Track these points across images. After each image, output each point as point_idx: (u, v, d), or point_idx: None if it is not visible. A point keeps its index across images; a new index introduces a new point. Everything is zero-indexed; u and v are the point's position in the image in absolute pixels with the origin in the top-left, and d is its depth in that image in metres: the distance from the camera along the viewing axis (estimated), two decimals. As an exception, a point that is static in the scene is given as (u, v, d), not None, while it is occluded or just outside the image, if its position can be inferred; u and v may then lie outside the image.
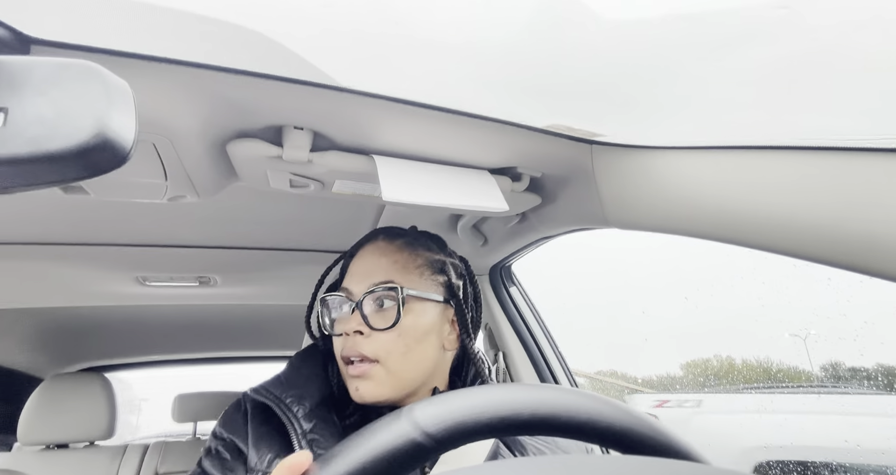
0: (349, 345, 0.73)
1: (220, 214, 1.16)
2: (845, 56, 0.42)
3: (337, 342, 0.76)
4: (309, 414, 0.72)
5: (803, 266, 0.59)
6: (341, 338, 0.75)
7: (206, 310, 2.03)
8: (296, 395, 0.74)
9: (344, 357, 0.74)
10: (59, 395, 1.73)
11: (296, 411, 0.72)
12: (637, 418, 0.37)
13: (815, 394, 1.83)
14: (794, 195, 0.54)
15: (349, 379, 0.74)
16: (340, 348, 0.75)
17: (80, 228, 1.17)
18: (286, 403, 0.73)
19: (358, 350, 0.72)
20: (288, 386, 0.77)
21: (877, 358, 1.46)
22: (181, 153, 0.70)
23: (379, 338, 0.72)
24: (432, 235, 0.90)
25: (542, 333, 1.41)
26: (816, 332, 1.44)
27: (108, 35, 0.51)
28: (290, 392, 0.75)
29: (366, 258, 0.80)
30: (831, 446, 1.50)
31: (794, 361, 1.70)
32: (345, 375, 0.75)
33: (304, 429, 0.70)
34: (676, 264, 2.18)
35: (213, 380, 2.73)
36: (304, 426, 0.71)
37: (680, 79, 0.53)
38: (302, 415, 0.72)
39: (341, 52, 0.56)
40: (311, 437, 0.70)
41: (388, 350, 0.72)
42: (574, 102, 0.64)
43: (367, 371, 0.71)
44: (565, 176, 0.86)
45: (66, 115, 0.33)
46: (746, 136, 0.61)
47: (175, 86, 0.59)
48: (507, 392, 0.36)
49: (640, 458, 0.33)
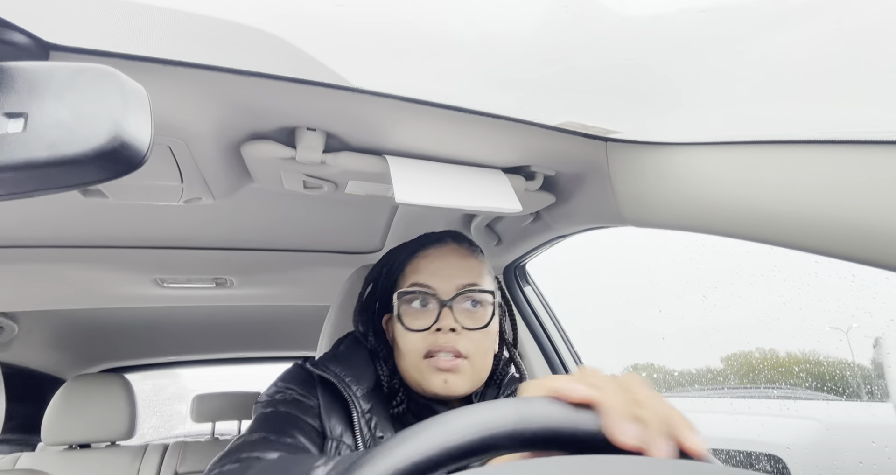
0: (443, 341, 0.76)
1: (235, 216, 1.17)
2: (873, 45, 0.41)
3: (416, 336, 0.78)
4: (367, 394, 0.76)
5: (826, 262, 0.57)
6: (424, 333, 0.77)
7: (222, 311, 2.05)
8: (354, 376, 0.77)
9: (432, 351, 0.76)
10: (81, 396, 1.76)
11: (355, 390, 0.75)
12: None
13: (728, 397, 2.26)
14: (816, 190, 0.53)
15: (434, 372, 0.76)
16: (423, 343, 0.77)
17: (100, 231, 1.19)
18: (346, 382, 0.76)
19: (453, 346, 0.76)
20: (346, 365, 0.79)
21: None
22: (196, 155, 0.71)
23: (470, 337, 0.77)
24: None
25: (557, 333, 1.40)
26: (857, 326, 1.42)
27: (124, 40, 0.52)
28: (349, 372, 0.78)
29: (445, 259, 0.83)
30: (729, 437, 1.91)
31: (838, 354, 1.73)
32: (420, 369, 0.77)
33: (364, 409, 0.74)
34: (696, 261, 2.19)
35: (266, 374, 2.77)
36: (363, 406, 0.74)
37: (697, 74, 0.52)
38: (361, 396, 0.75)
39: (354, 53, 0.56)
40: (369, 417, 0.73)
41: (476, 348, 0.78)
42: (589, 99, 0.64)
43: (458, 365, 0.76)
44: (580, 174, 0.85)
45: (84, 119, 0.33)
46: (766, 131, 0.60)
47: (189, 89, 0.60)
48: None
49: (645, 458, 0.33)
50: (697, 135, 0.66)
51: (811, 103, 0.52)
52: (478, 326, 0.79)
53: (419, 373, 0.77)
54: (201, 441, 1.91)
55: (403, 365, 0.79)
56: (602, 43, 0.48)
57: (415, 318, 0.79)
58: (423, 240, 0.88)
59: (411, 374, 0.78)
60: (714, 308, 1.69)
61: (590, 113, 0.69)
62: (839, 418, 1.80)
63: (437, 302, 0.78)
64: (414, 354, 0.77)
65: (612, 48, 0.49)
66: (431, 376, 0.76)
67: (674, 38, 0.45)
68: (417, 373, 0.77)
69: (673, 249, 1.53)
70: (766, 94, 0.52)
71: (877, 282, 0.99)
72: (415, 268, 0.83)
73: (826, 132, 0.53)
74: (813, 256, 0.57)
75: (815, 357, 1.80)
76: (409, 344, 0.78)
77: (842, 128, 0.52)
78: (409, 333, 0.78)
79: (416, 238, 0.89)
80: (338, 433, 0.72)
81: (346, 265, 1.44)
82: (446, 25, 0.48)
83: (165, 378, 3.06)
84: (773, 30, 0.42)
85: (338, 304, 1.01)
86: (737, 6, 0.41)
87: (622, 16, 0.44)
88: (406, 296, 0.80)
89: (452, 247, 0.85)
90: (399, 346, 0.80)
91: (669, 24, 0.44)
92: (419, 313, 0.79)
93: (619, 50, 0.49)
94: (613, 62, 0.51)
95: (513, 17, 0.45)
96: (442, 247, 0.85)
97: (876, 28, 0.39)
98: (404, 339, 0.79)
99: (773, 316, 1.60)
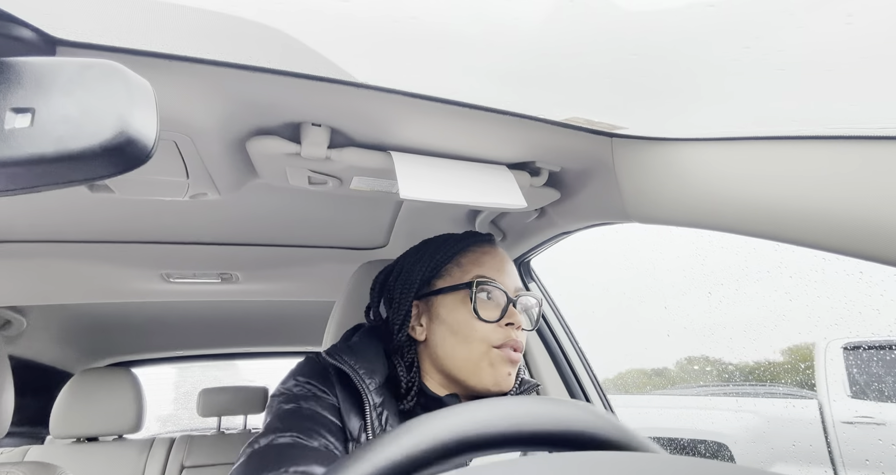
0: (514, 336, 0.79)
1: (241, 212, 1.17)
2: (884, 39, 0.40)
3: (488, 327, 0.79)
4: (378, 388, 0.76)
5: (833, 259, 0.57)
6: (495, 325, 0.79)
7: (228, 306, 2.06)
8: (368, 369, 0.77)
9: (507, 343, 0.78)
10: (88, 390, 1.78)
11: (368, 383, 0.75)
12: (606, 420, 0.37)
13: (693, 395, 2.80)
14: (823, 186, 0.53)
15: (504, 363, 0.78)
16: (495, 334, 0.79)
17: (107, 226, 1.20)
18: (360, 374, 0.76)
19: (521, 342, 0.80)
20: (360, 357, 0.78)
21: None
22: (202, 151, 0.71)
23: (522, 336, 0.82)
24: None
25: (561, 329, 1.40)
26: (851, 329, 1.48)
27: (130, 35, 0.52)
28: (363, 364, 0.77)
29: (504, 259, 0.86)
30: (682, 428, 2.57)
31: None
32: (489, 358, 0.78)
33: (376, 402, 0.74)
34: (701, 257, 2.18)
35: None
36: (375, 399, 0.75)
37: (703, 69, 0.52)
38: (374, 389, 0.75)
39: (359, 48, 0.55)
40: (380, 411, 0.74)
41: (524, 347, 0.82)
42: (594, 95, 0.63)
43: (519, 360, 0.81)
44: (585, 170, 0.84)
45: (91, 114, 0.33)
46: (773, 127, 0.59)
47: (195, 84, 0.60)
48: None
49: (662, 456, 0.33)
50: (703, 130, 0.66)
51: (819, 99, 0.52)
52: (530, 328, 0.86)
53: (488, 362, 0.77)
54: (207, 435, 1.93)
55: (461, 355, 0.78)
56: (608, 38, 0.48)
57: (488, 309, 0.80)
58: (470, 237, 0.89)
59: (469, 365, 0.77)
60: (719, 305, 1.70)
61: (595, 108, 0.69)
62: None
63: (507, 298, 0.81)
64: (484, 343, 0.78)
65: (617, 43, 0.48)
66: (500, 366, 0.78)
67: (681, 32, 0.45)
68: (486, 361, 0.77)
69: (679, 245, 1.53)
70: (773, 90, 0.52)
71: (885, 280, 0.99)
72: (477, 262, 0.83)
73: (833, 128, 0.53)
74: (820, 253, 0.57)
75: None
76: (480, 333, 0.78)
77: (849, 123, 0.52)
78: (480, 323, 0.78)
79: (463, 233, 0.90)
80: (356, 433, 0.72)
81: (351, 261, 1.44)
82: (452, 21, 0.48)
83: (224, 369, 3.10)
84: (780, 24, 0.41)
85: (343, 300, 1.01)
86: (743, 2, 0.40)
87: (628, 10, 0.44)
88: (483, 285, 0.80)
89: (502, 251, 0.88)
90: (462, 335, 0.78)
91: (676, 18, 0.43)
92: (491, 305, 0.80)
93: (625, 45, 0.48)
94: (619, 57, 0.51)
95: (518, 12, 0.45)
96: (495, 248, 0.88)
97: (887, 22, 0.38)
98: (473, 328, 0.78)
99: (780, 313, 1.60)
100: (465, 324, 0.79)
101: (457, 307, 0.80)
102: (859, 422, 1.68)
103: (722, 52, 0.47)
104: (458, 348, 0.78)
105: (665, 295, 2.10)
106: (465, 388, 0.79)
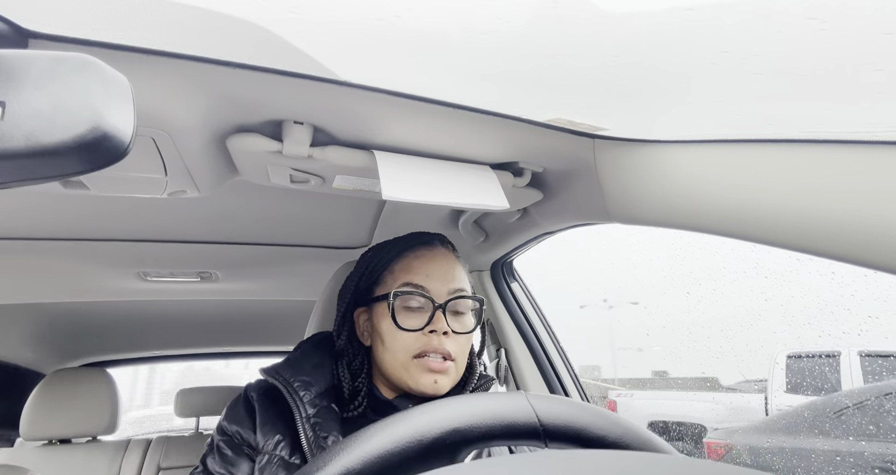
0: (435, 343, 0.78)
1: (221, 210, 1.16)
2: (856, 45, 0.42)
3: (409, 336, 0.79)
4: (314, 400, 0.77)
5: (807, 260, 0.58)
6: (417, 334, 0.79)
7: (207, 305, 2.03)
8: (304, 382, 0.79)
9: (425, 352, 0.78)
10: (61, 390, 1.73)
11: (302, 395, 0.77)
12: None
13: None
14: (800, 189, 0.54)
15: (425, 372, 0.77)
16: (415, 343, 0.78)
17: (82, 224, 1.17)
18: (294, 387, 0.77)
19: (445, 348, 0.78)
20: (297, 370, 0.80)
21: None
22: (181, 148, 0.70)
23: (457, 340, 0.80)
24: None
25: (543, 329, 1.41)
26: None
27: (107, 29, 0.51)
28: (299, 377, 0.79)
29: (438, 262, 0.84)
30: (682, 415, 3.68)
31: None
32: (408, 368, 0.78)
33: (309, 414, 0.75)
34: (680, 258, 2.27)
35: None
36: (308, 411, 0.75)
37: (684, 72, 0.53)
38: (308, 401, 0.76)
39: (342, 46, 0.55)
40: (315, 421, 0.74)
41: (461, 351, 0.81)
42: (577, 96, 0.64)
43: (448, 367, 0.79)
44: (567, 170, 0.85)
45: (64, 108, 0.32)
46: (751, 130, 0.60)
47: (174, 80, 0.59)
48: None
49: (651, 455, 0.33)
50: (684, 133, 0.67)
51: (795, 103, 0.53)
52: (466, 331, 0.82)
53: (407, 372, 0.78)
54: (185, 435, 1.90)
55: (389, 362, 0.80)
56: (590, 40, 0.48)
57: (409, 318, 0.80)
58: (411, 239, 0.88)
59: (398, 372, 0.79)
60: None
61: (578, 110, 0.69)
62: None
63: (432, 304, 0.80)
64: (404, 353, 0.78)
65: (600, 45, 0.49)
66: (421, 376, 0.77)
67: (661, 35, 0.45)
68: (405, 371, 0.78)
69: (660, 246, 1.56)
70: (750, 94, 0.53)
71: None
72: (407, 268, 0.83)
73: (808, 131, 0.54)
74: (794, 254, 0.58)
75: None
76: (400, 343, 0.79)
77: (824, 127, 0.53)
78: (400, 332, 0.79)
79: (404, 237, 0.90)
80: (271, 445, 0.75)
81: (332, 260, 1.43)
82: (435, 20, 0.48)
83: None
84: (758, 30, 0.42)
85: (324, 299, 1.01)
86: (723, 5, 0.41)
87: (610, 13, 0.44)
88: (402, 295, 0.80)
89: (442, 252, 0.87)
90: (386, 344, 0.80)
91: (656, 21, 0.44)
92: (413, 313, 0.80)
93: (607, 47, 0.49)
94: (601, 59, 0.51)
95: (501, 12, 0.45)
96: (433, 249, 0.86)
97: (859, 28, 0.39)
98: (394, 338, 0.79)
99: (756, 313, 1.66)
100: (388, 333, 0.80)
101: (385, 316, 0.81)
102: (785, 408, 2.52)
103: (701, 55, 0.48)
104: (386, 356, 0.80)
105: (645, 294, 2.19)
106: (406, 392, 0.81)
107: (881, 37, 0.39)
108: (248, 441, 0.78)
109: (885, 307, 1.07)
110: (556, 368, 1.35)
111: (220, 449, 0.79)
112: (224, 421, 0.81)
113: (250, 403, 0.81)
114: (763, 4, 0.40)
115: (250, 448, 0.78)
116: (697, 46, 0.47)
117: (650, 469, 0.30)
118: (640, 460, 0.31)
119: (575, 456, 0.31)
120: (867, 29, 0.39)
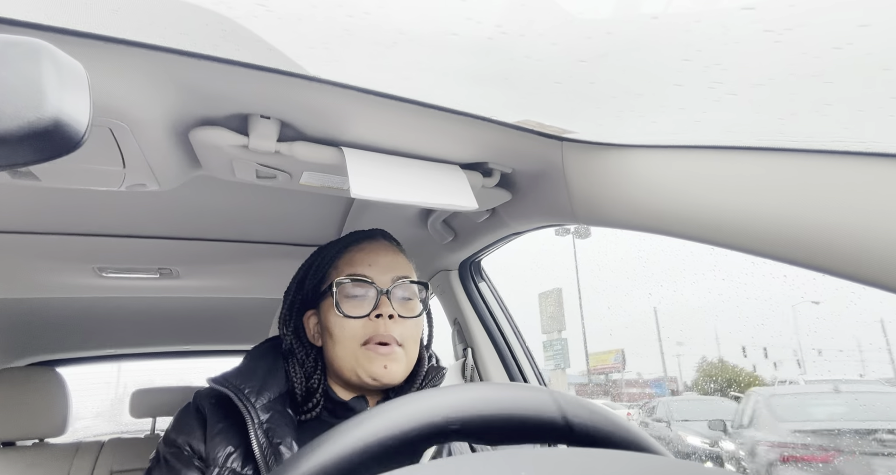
0: (382, 329, 0.78)
1: (183, 205, 1.12)
2: (809, 58, 0.44)
3: (355, 324, 0.79)
4: (267, 405, 0.76)
5: (760, 263, 0.61)
6: (363, 320, 0.79)
7: (166, 302, 1.97)
8: (254, 388, 0.77)
9: (373, 338, 0.78)
10: (5, 391, 1.65)
11: (254, 402, 0.75)
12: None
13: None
14: (759, 195, 0.56)
15: (374, 358, 0.77)
16: (363, 330, 0.78)
17: (32, 216, 1.12)
18: (245, 394, 0.76)
19: (391, 333, 0.79)
20: (247, 378, 0.79)
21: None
22: (140, 140, 0.67)
23: (405, 325, 0.81)
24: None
25: (510, 328, 1.42)
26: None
27: (62, 14, 0.49)
28: (250, 384, 0.78)
29: (380, 252, 0.86)
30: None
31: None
32: (357, 356, 0.78)
33: (262, 420, 0.74)
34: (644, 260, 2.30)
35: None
36: (261, 417, 0.74)
37: (648, 78, 0.54)
38: (260, 407, 0.75)
39: (311, 41, 0.54)
40: (268, 427, 0.73)
41: (410, 336, 0.82)
42: (546, 99, 0.65)
43: (396, 352, 0.79)
44: (536, 172, 0.86)
45: (13, 95, 0.31)
46: (712, 137, 0.63)
47: (134, 69, 0.57)
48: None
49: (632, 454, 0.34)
50: (649, 138, 0.69)
51: (753, 112, 0.55)
52: (413, 315, 0.83)
53: (356, 361, 0.78)
54: (140, 437, 1.83)
55: (339, 354, 0.79)
56: (558, 43, 0.49)
57: (354, 306, 0.80)
58: (353, 236, 0.90)
59: (347, 363, 0.79)
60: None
61: (546, 112, 0.70)
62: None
63: (376, 290, 0.81)
64: (352, 341, 0.78)
65: (567, 48, 0.49)
66: (370, 363, 0.77)
67: (627, 42, 0.47)
68: (355, 360, 0.78)
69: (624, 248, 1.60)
70: (711, 101, 0.55)
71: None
72: (349, 261, 0.84)
73: (770, 140, 0.56)
74: (750, 257, 0.60)
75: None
76: (348, 331, 0.79)
77: (779, 136, 0.56)
78: (347, 321, 0.79)
79: (346, 235, 0.91)
80: (222, 458, 0.72)
81: (299, 257, 1.40)
82: (405, 18, 0.47)
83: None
84: (718, 39, 0.44)
85: (289, 297, 0.99)
86: (686, 14, 0.42)
87: (578, 17, 0.45)
88: (344, 284, 0.81)
89: (384, 243, 0.88)
90: (335, 336, 0.80)
91: (623, 28, 0.45)
92: (358, 301, 0.81)
93: (574, 51, 0.50)
94: (568, 63, 0.52)
95: (472, 13, 0.45)
96: (374, 242, 0.88)
97: (809, 42, 0.41)
98: (341, 327, 0.79)
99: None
100: (336, 324, 0.80)
101: (331, 309, 0.81)
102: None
103: (665, 62, 0.49)
104: (335, 349, 0.80)
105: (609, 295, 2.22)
106: (358, 387, 0.81)
107: (830, 52, 0.41)
108: (198, 452, 0.74)
109: (834, 309, 1.13)
110: (521, 368, 1.36)
111: (167, 461, 0.75)
112: (172, 431, 0.78)
113: (200, 412, 0.78)
114: (723, 15, 0.41)
115: (200, 460, 0.74)
116: (662, 54, 0.48)
117: (638, 468, 0.31)
118: (632, 460, 0.32)
119: (566, 454, 0.32)
120: (817, 43, 0.41)
